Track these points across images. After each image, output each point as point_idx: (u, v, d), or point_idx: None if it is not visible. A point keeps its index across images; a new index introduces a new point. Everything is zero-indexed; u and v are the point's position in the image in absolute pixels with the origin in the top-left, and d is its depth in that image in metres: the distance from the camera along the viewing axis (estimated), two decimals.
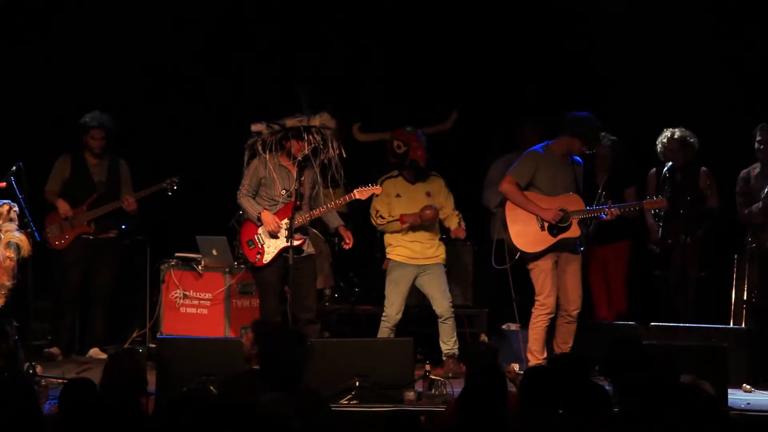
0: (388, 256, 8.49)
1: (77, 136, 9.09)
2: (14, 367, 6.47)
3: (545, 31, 9.66)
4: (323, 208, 8.08)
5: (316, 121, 7.91)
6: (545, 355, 7.98)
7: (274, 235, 7.98)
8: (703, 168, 8.77)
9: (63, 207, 9.00)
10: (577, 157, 8.07)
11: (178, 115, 9.91)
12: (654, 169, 8.83)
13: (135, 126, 9.67)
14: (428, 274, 8.37)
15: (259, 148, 7.94)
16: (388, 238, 8.47)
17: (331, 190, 8.09)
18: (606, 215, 7.98)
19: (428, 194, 8.40)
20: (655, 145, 8.76)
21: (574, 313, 8.02)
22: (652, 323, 8.11)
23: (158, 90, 9.88)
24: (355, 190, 8.09)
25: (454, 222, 8.36)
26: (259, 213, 8.00)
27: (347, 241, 8.18)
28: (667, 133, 8.70)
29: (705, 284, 8.77)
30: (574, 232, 7.93)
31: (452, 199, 8.46)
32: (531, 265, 7.97)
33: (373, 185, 8.14)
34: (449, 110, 8.94)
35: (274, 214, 8.02)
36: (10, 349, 6.34)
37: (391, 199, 8.39)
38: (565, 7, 9.55)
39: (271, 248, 8.01)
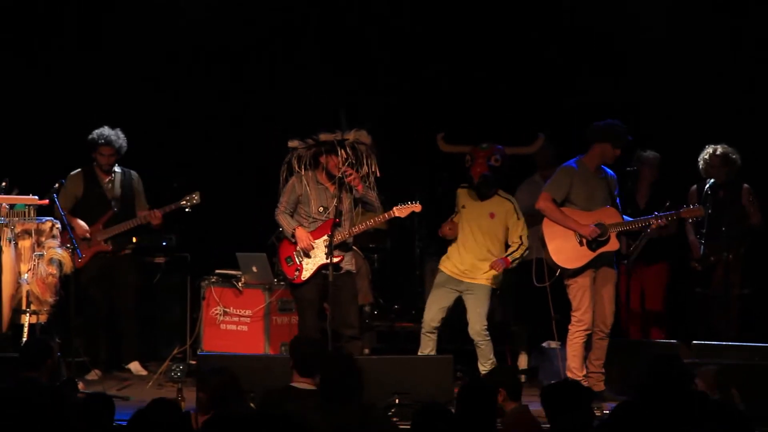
0: (439, 266, 8.45)
1: (86, 151, 8.98)
2: (60, 384, 6.51)
3: (582, 50, 9.63)
4: (363, 225, 8.07)
5: (350, 135, 7.91)
6: (585, 372, 7.94)
7: (307, 253, 7.98)
8: (745, 185, 8.71)
9: (80, 228, 8.80)
10: (611, 171, 8.03)
11: (219, 131, 9.95)
12: (695, 186, 8.77)
13: (174, 141, 9.71)
14: (469, 295, 8.26)
15: (295, 164, 7.95)
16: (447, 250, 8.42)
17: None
18: (652, 225, 7.95)
19: (492, 215, 8.22)
20: (697, 162, 8.70)
21: (608, 328, 7.98)
22: (694, 341, 8.04)
23: (198, 106, 9.92)
24: (394, 208, 8.06)
25: (509, 250, 8.20)
26: (294, 230, 8.01)
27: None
28: (709, 149, 8.64)
29: (748, 302, 8.68)
30: (612, 245, 7.89)
31: (522, 225, 8.21)
32: (569, 281, 7.93)
33: (412, 203, 8.10)
34: (536, 133, 8.84)
35: (313, 231, 8.02)
36: (54, 366, 6.39)
37: (459, 208, 8.32)
38: (602, 22, 9.52)
39: (309, 265, 8.00)
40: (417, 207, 8.07)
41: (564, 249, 7.88)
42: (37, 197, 8.11)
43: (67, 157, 9.17)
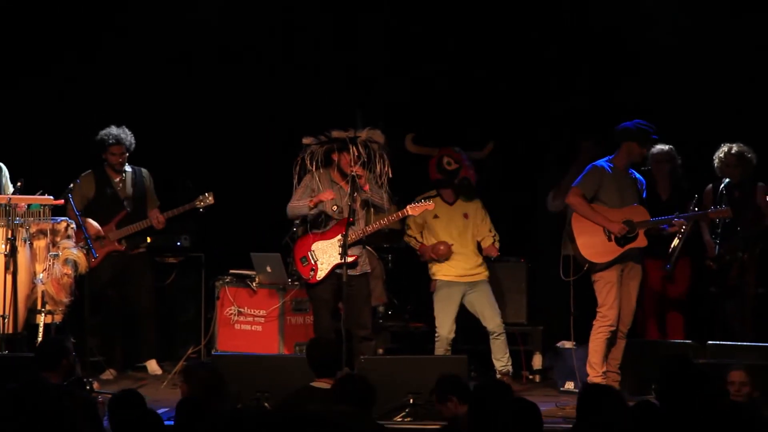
0: (434, 277, 8.50)
1: (96, 152, 8.99)
2: (74, 384, 6.53)
3: (597, 49, 9.61)
4: (377, 224, 8.07)
5: (362, 134, 7.93)
6: (605, 368, 7.95)
7: (314, 256, 7.99)
8: (761, 184, 8.66)
9: (92, 228, 8.75)
10: (640, 176, 8.09)
11: (233, 132, 9.96)
12: (710, 185, 8.74)
13: (189, 142, 9.73)
14: (476, 291, 8.44)
15: (308, 161, 7.96)
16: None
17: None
18: (669, 226, 7.96)
19: (466, 216, 8.51)
20: (712, 160, 8.67)
21: (626, 328, 8.01)
22: (709, 342, 8.01)
23: (210, 108, 9.94)
24: (408, 206, 8.09)
25: (488, 241, 8.52)
26: (309, 201, 7.95)
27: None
28: (725, 148, 8.60)
29: (763, 301, 8.65)
30: (641, 242, 7.93)
31: (489, 220, 8.56)
32: (596, 276, 7.95)
33: (426, 201, 8.14)
34: (486, 141, 8.91)
35: (328, 230, 8.01)
36: (69, 366, 6.41)
37: (428, 219, 8.47)
38: (614, 24, 9.50)
39: (324, 265, 8.00)
40: (430, 205, 8.12)
41: (593, 244, 7.93)
42: (52, 197, 8.13)
43: (79, 157, 9.20)
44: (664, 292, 8.91)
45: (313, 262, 8.03)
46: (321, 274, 8.01)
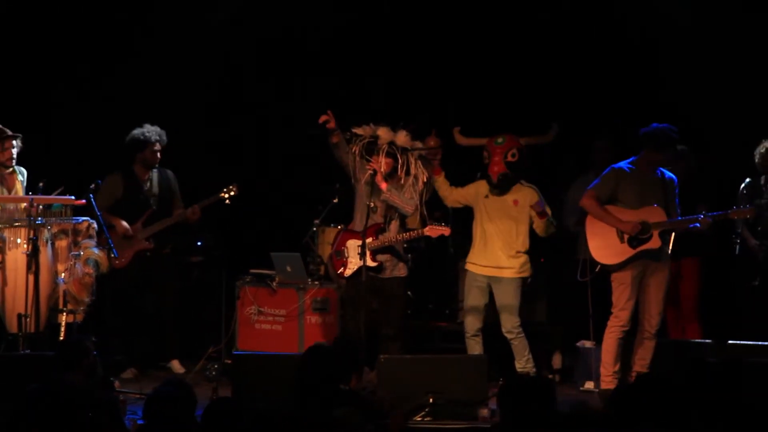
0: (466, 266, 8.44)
1: (130, 150, 9.04)
2: (96, 383, 6.56)
3: (627, 49, 9.59)
4: (399, 236, 8.18)
5: (359, 130, 8.02)
6: (617, 368, 7.92)
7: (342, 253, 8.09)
8: None
9: (121, 226, 8.90)
10: (669, 174, 7.96)
11: (253, 133, 9.99)
12: (748, 179, 8.66)
13: (210, 141, 9.76)
14: (497, 289, 8.18)
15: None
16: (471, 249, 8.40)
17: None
18: (700, 224, 7.87)
19: (516, 202, 8.14)
20: (753, 156, 8.60)
21: (654, 329, 7.93)
22: (730, 341, 7.96)
23: (230, 109, 9.97)
24: (427, 227, 8.10)
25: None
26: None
27: None
28: (767, 143, 8.55)
29: None
30: (654, 243, 7.85)
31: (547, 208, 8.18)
32: (612, 277, 7.93)
33: (444, 225, 8.11)
34: (550, 122, 8.75)
35: (365, 230, 8.10)
36: (90, 365, 6.44)
37: (479, 199, 8.21)
38: (635, 20, 9.49)
39: (352, 263, 8.12)
40: (446, 231, 8.12)
41: (604, 245, 7.89)
42: (73, 197, 8.17)
43: (104, 158, 9.25)
44: (675, 293, 8.87)
45: (345, 257, 8.22)
46: (348, 271, 8.22)
